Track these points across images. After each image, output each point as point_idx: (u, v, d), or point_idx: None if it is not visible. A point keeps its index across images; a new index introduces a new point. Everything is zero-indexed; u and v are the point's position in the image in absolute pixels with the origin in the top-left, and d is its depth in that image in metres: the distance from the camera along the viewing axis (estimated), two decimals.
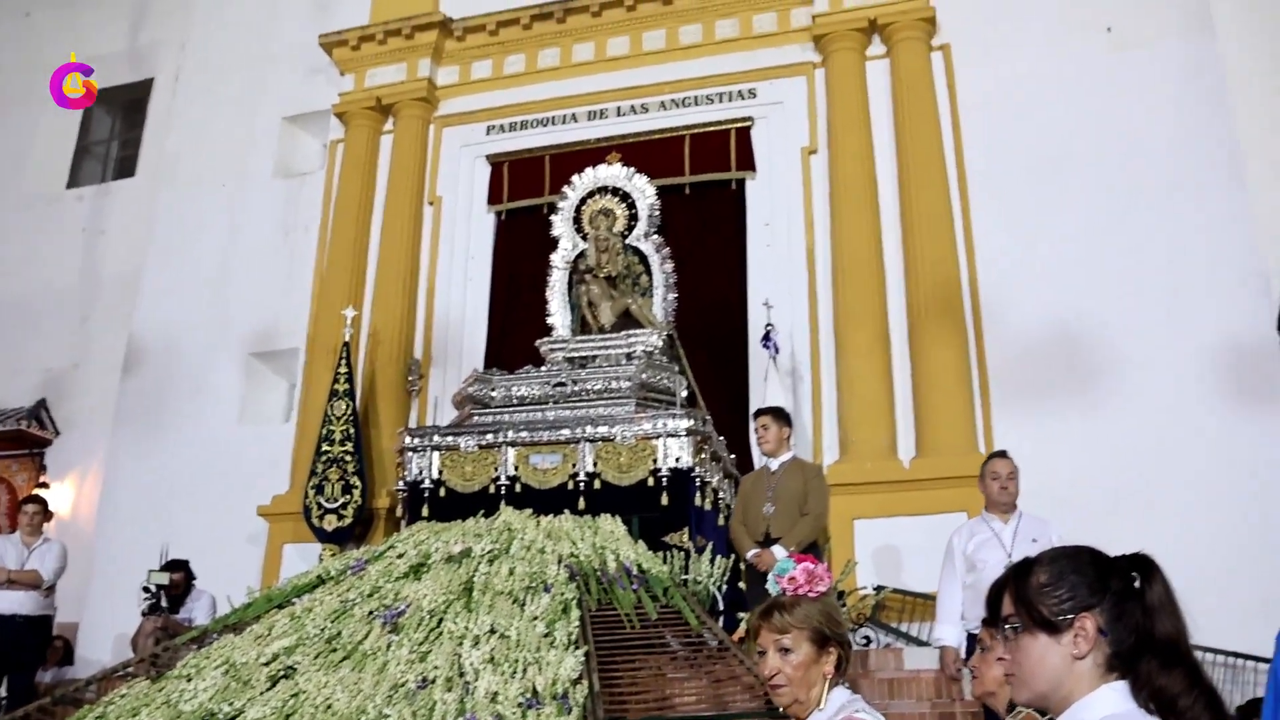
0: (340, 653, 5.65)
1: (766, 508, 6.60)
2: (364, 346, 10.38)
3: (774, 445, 6.73)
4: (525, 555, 6.64)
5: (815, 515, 6.53)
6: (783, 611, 2.51)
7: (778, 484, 6.65)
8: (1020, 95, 9.55)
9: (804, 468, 6.83)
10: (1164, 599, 1.71)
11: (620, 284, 9.15)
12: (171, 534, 9.33)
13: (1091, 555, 1.79)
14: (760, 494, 6.71)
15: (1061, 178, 9.20)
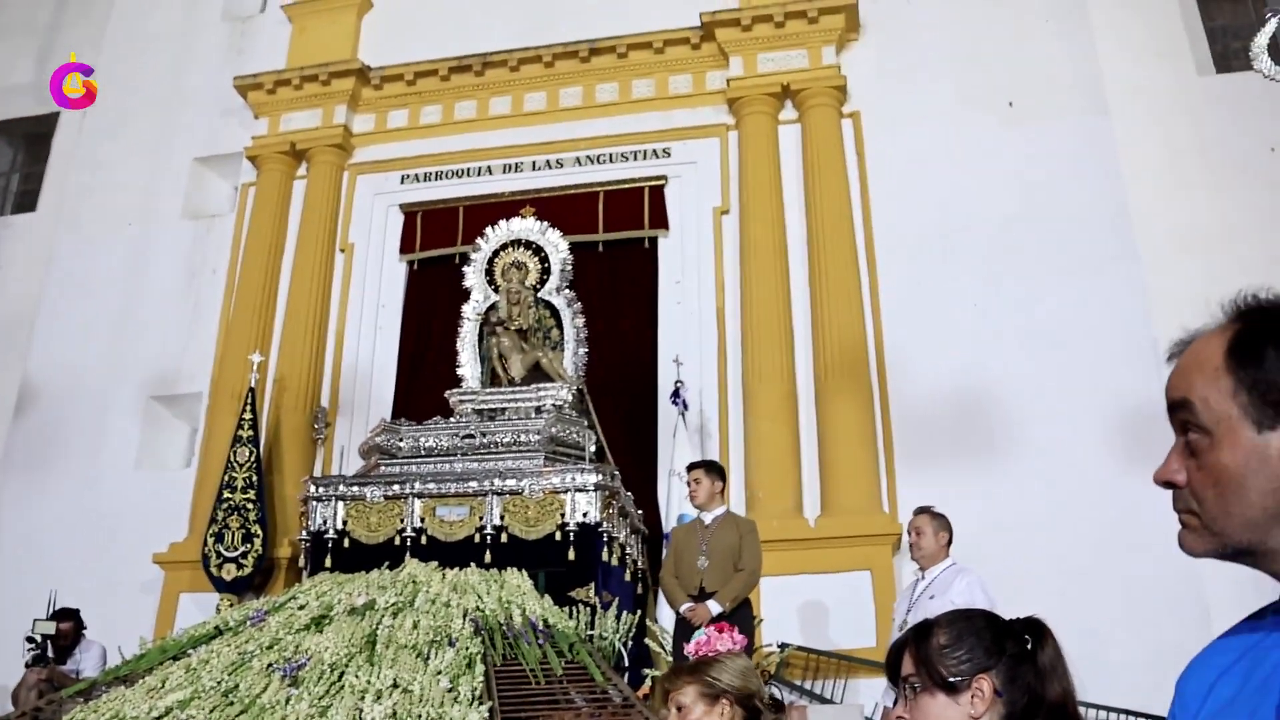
0: (237, 706, 5.52)
1: (700, 561, 6.56)
2: (269, 393, 10.24)
3: (705, 499, 6.74)
4: (430, 608, 6.57)
5: (750, 571, 6.50)
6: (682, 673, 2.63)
7: (711, 538, 6.63)
8: (926, 163, 9.85)
9: (738, 522, 6.82)
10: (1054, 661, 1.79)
11: (531, 337, 9.17)
12: (61, 581, 9.02)
13: (987, 618, 1.87)
14: (693, 547, 6.66)
15: (964, 244, 9.50)
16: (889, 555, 8.60)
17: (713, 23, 10.57)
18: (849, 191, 9.97)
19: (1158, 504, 5.15)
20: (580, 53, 10.94)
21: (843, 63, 10.41)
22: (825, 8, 10.34)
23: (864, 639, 8.16)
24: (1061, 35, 10.09)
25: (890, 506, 8.87)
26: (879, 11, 10.60)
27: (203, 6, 13.02)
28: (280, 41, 12.17)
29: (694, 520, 6.93)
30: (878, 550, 8.61)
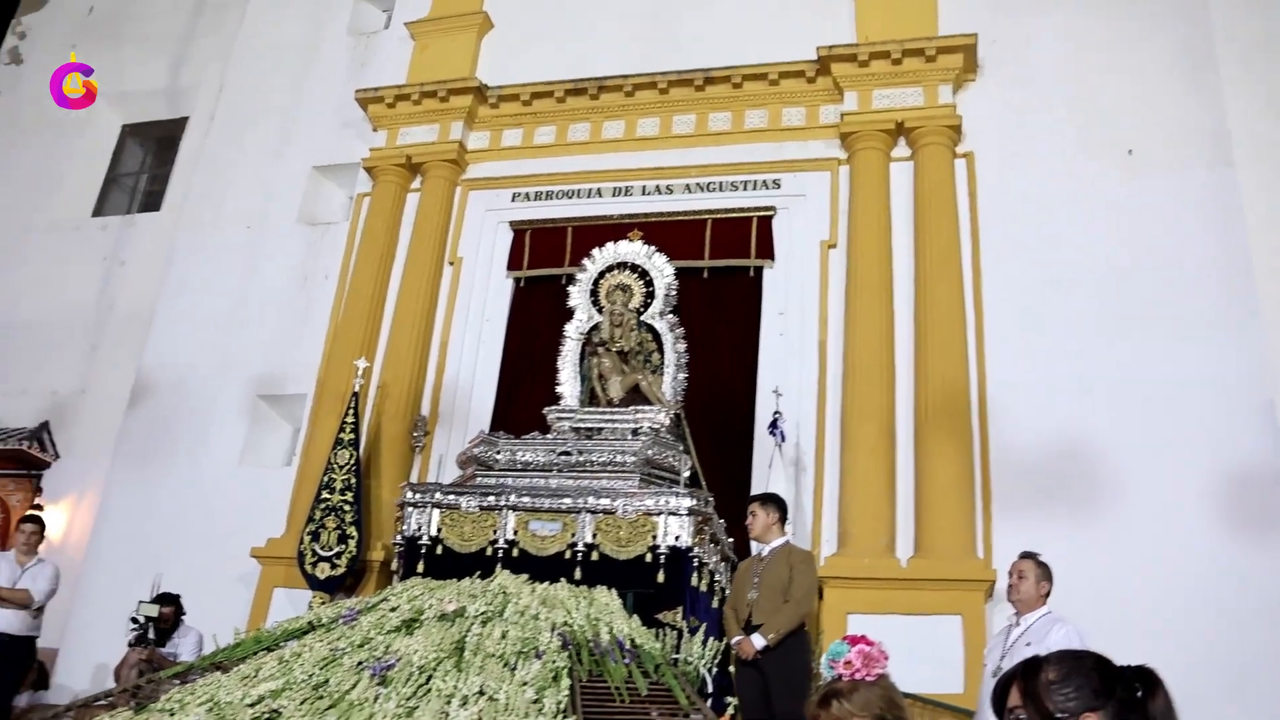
0: (327, 700, 5.62)
1: (751, 594, 6.60)
2: (372, 398, 10.42)
3: (760, 531, 6.78)
4: (519, 620, 6.63)
5: (796, 602, 6.47)
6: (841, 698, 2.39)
7: (764, 570, 6.67)
8: (1039, 208, 9.71)
9: (791, 554, 6.80)
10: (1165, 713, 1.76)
11: (632, 360, 9.24)
12: (162, 568, 9.33)
13: (1096, 660, 1.85)
14: (747, 580, 6.73)
15: (1075, 292, 9.32)
16: (981, 602, 8.44)
17: (829, 57, 10.57)
18: (959, 232, 9.85)
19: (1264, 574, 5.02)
20: (695, 81, 11.01)
21: (959, 102, 10.33)
22: (944, 46, 10.28)
23: (950, 685, 7.99)
24: (1187, 84, 9.88)
25: (985, 552, 8.71)
26: (998, 53, 10.50)
27: (329, 21, 13.41)
28: (402, 57, 12.46)
29: (756, 553, 6.97)
30: (970, 596, 8.46)
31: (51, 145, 15.08)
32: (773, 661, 6.42)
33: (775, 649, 6.30)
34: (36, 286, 13.88)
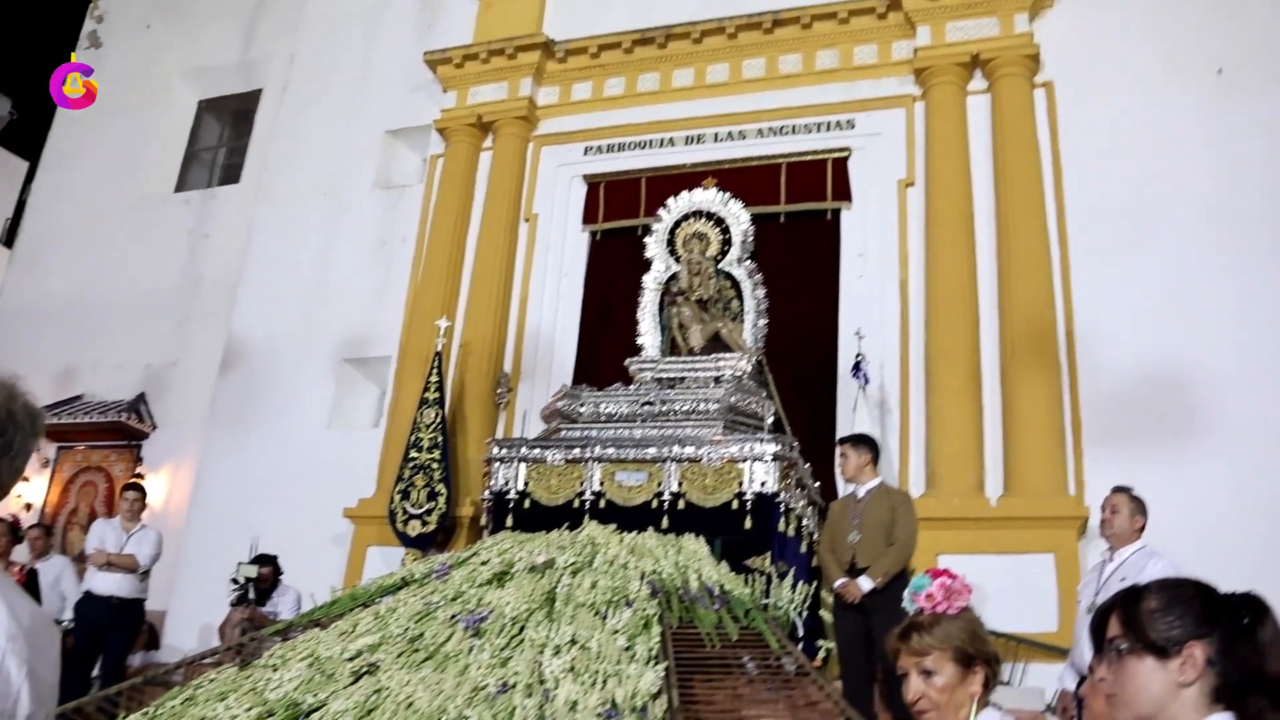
0: (422, 653, 5.72)
1: (852, 536, 6.48)
2: (455, 357, 10.52)
3: (853, 472, 6.65)
4: (608, 569, 6.67)
5: (902, 544, 6.37)
6: (922, 632, 2.38)
7: (864, 511, 6.54)
8: (1124, 135, 9.42)
9: (890, 495, 6.71)
10: (1275, 638, 1.70)
11: (711, 308, 9.20)
12: (260, 530, 9.56)
13: (1199, 588, 1.79)
14: (846, 521, 6.60)
15: (1163, 220, 9.04)
16: (1074, 539, 8.30)
17: None
18: (1040, 164, 9.59)
19: None
20: (764, 24, 10.84)
21: (1036, 30, 10.01)
22: None
23: (1044, 623, 7.90)
24: None
25: (1077, 489, 8.55)
26: None
27: None
28: (468, 17, 12.44)
29: (849, 494, 6.84)
30: (1063, 533, 8.32)
31: (132, 125, 15.37)
32: (877, 604, 6.31)
33: (881, 591, 6.18)
34: (125, 263, 14.22)
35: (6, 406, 1.67)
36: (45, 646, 1.64)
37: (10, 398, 1.69)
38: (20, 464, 1.69)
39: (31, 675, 1.57)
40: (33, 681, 1.57)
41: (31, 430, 1.70)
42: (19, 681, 1.55)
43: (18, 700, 1.55)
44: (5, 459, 1.66)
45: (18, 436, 1.67)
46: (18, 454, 1.68)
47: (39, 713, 1.58)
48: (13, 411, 1.68)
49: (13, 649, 1.55)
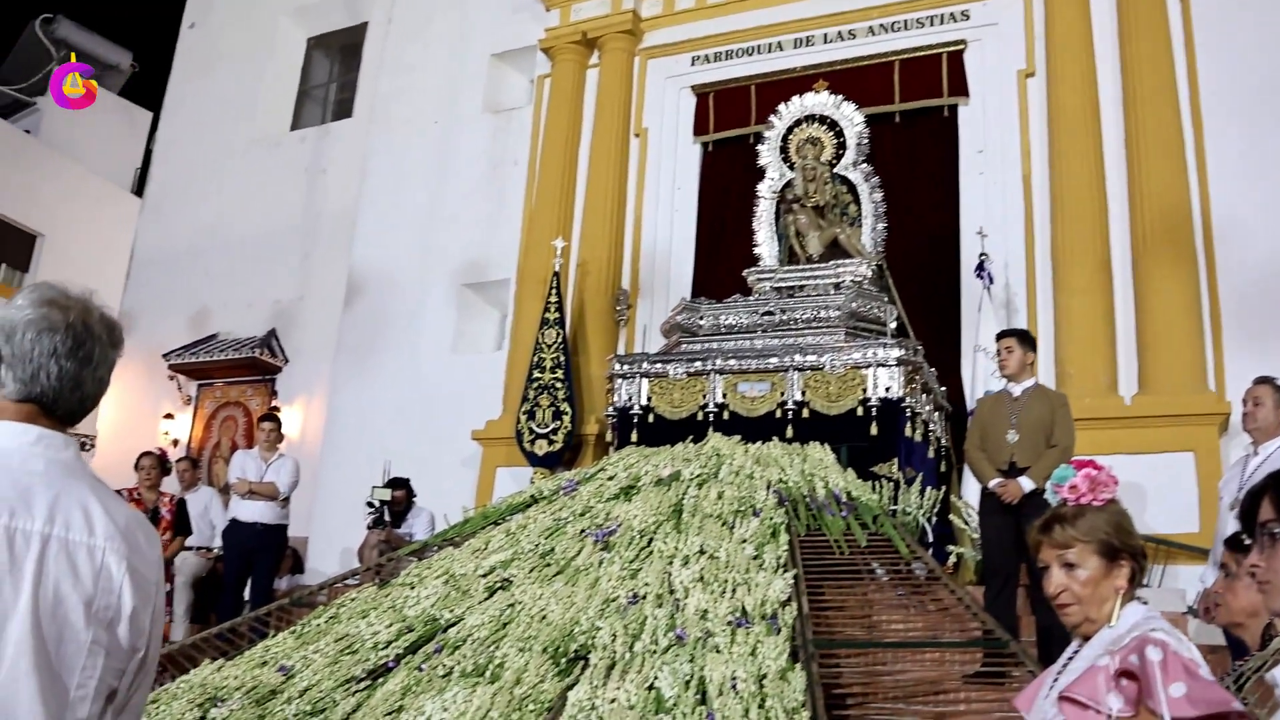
0: (554, 567, 5.83)
1: (1010, 435, 6.15)
2: (573, 276, 10.55)
3: (1016, 368, 6.32)
4: (734, 480, 6.68)
5: (1064, 448, 5.99)
6: (1065, 524, 2.30)
7: (1022, 410, 6.19)
8: (1262, 8, 8.87)
9: (1050, 395, 6.33)
10: None
11: (828, 214, 9.05)
12: (391, 455, 9.79)
13: None
14: (1002, 420, 6.25)
15: None
16: (1215, 436, 8.00)
17: None
18: (1170, 45, 9.10)
19: None
20: None
21: None
22: None
23: (1184, 524, 7.66)
24: None
25: (1217, 384, 8.22)
26: None
27: None
28: None
29: (1001, 392, 6.58)
30: (1203, 431, 8.03)
31: (245, 68, 15.65)
32: (1031, 507, 6.02)
33: (1038, 494, 5.79)
34: (248, 204, 14.55)
35: (83, 320, 1.72)
36: (142, 545, 1.70)
37: (86, 311, 1.73)
38: (103, 374, 1.75)
39: (132, 571, 1.64)
40: (133, 577, 1.64)
41: (110, 341, 1.76)
42: (120, 577, 1.62)
43: (121, 595, 1.62)
44: (87, 370, 1.71)
45: (96, 347, 1.73)
46: (98, 364, 1.73)
47: (143, 608, 1.66)
48: (89, 324, 1.72)
49: (111, 547, 1.62)
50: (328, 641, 5.25)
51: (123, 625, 1.62)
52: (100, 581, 1.60)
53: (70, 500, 1.62)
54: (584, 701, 4.21)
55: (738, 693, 4.22)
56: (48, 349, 1.67)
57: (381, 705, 4.43)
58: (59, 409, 1.70)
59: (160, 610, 1.74)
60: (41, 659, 1.52)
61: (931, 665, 5.22)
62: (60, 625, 1.55)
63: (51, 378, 1.67)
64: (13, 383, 1.67)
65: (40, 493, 1.59)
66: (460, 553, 6.28)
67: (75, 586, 1.57)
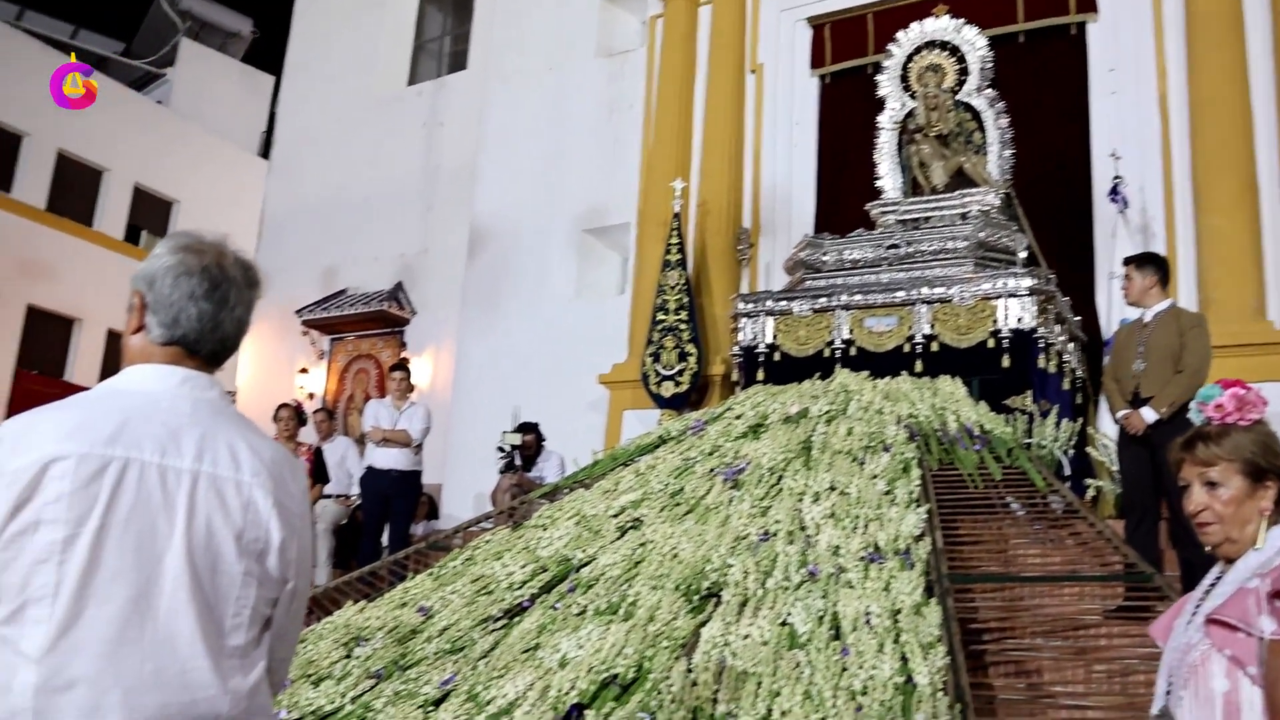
0: (684, 507, 5.84)
1: (1136, 364, 5.89)
2: (693, 217, 10.48)
3: (1138, 295, 6.04)
4: (863, 416, 6.61)
5: (1191, 372, 5.68)
6: (1208, 442, 2.20)
7: (1149, 337, 5.93)
8: None
9: (1180, 317, 5.94)
10: None
11: (952, 142, 8.80)
12: (520, 401, 9.93)
13: None
14: (1131, 348, 5.98)
15: None
16: None
17: None
18: None
19: None
20: None
21: None
22: None
23: None
24: None
25: None
26: None
27: None
28: None
29: (1136, 319, 6.31)
30: None
31: (360, 25, 15.83)
32: (1163, 437, 5.73)
33: (1168, 423, 5.53)
34: (370, 160, 14.79)
35: (218, 263, 1.77)
36: (287, 480, 1.76)
37: (220, 254, 1.78)
38: (241, 315, 1.80)
39: (278, 504, 1.71)
40: (279, 510, 1.71)
41: (246, 282, 1.80)
42: (267, 510, 1.69)
43: (268, 527, 1.69)
44: (225, 311, 1.76)
45: (232, 289, 1.77)
46: (235, 305, 1.78)
47: (290, 540, 1.73)
48: (224, 267, 1.77)
49: (257, 482, 1.69)
50: (464, 583, 5.36)
51: (272, 557, 1.69)
52: (248, 515, 1.67)
53: (217, 438, 1.68)
54: (717, 637, 4.23)
55: (872, 628, 4.19)
56: (185, 292, 1.73)
57: (518, 643, 4.51)
58: (202, 350, 1.75)
59: (308, 543, 1.81)
60: (197, 589, 1.59)
61: (1071, 600, 5.10)
62: (213, 557, 1.62)
63: (191, 319, 1.73)
64: (157, 327, 1.73)
65: (188, 432, 1.66)
66: (591, 494, 6.34)
67: (225, 520, 1.64)
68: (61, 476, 1.52)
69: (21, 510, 1.51)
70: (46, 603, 1.50)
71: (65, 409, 1.62)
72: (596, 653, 4.15)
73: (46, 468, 1.52)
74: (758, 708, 3.73)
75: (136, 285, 1.75)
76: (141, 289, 1.75)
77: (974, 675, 4.18)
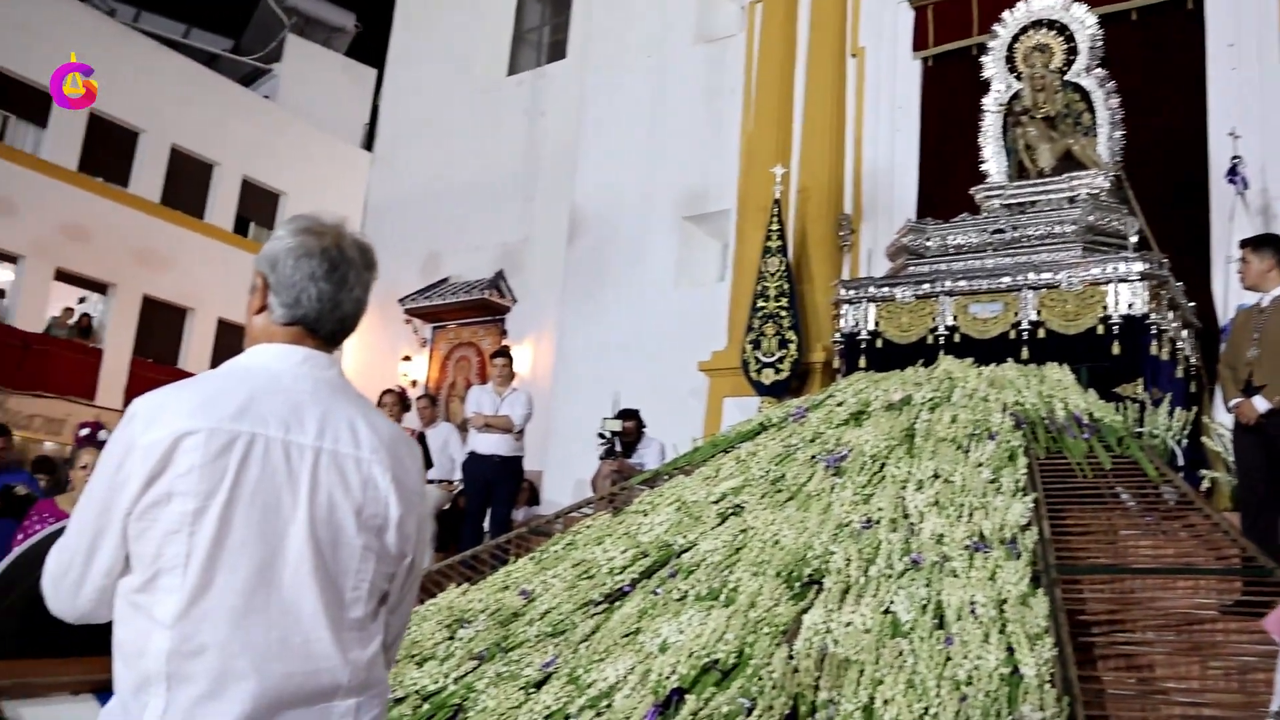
0: (785, 493, 5.82)
1: (1250, 351, 5.66)
2: (793, 203, 10.39)
3: (1255, 278, 5.80)
4: (967, 403, 6.50)
5: None
6: None
7: (1265, 323, 5.68)
8: None
9: None
10: None
11: (1060, 124, 8.60)
12: (619, 387, 9.97)
13: None
14: (1246, 335, 5.73)
15: None
16: None
17: None
18: None
19: None
20: None
21: None
22: None
23: None
24: None
25: None
26: None
27: None
28: None
29: (1254, 304, 6.06)
30: None
31: (461, 17, 16.05)
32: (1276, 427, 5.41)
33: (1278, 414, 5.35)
34: (470, 150, 14.98)
35: (337, 244, 1.80)
36: (404, 458, 1.80)
37: (340, 236, 1.81)
38: (359, 295, 1.83)
39: (396, 481, 1.75)
40: (397, 486, 1.75)
41: (364, 264, 1.83)
42: (385, 487, 1.73)
43: (387, 503, 1.74)
44: (344, 291, 1.79)
45: (351, 270, 1.81)
46: (354, 285, 1.81)
47: (408, 516, 1.77)
48: (343, 248, 1.80)
49: (376, 459, 1.74)
50: (565, 567, 5.40)
51: (390, 532, 1.74)
52: (367, 491, 1.71)
53: (337, 416, 1.73)
54: (819, 624, 4.21)
55: (977, 617, 4.13)
56: (306, 273, 1.76)
57: (619, 627, 4.53)
58: (321, 330, 1.79)
59: (425, 519, 1.88)
60: (320, 562, 1.64)
61: (1185, 594, 4.95)
62: (334, 531, 1.67)
63: (311, 300, 1.76)
64: (279, 308, 1.77)
65: (310, 409, 1.70)
66: (691, 480, 6.34)
67: (346, 495, 1.69)
68: (192, 450, 1.57)
69: (155, 483, 1.57)
70: (178, 572, 1.56)
71: (194, 386, 1.67)
72: (697, 638, 4.15)
73: (178, 442, 1.57)
74: (860, 696, 3.70)
75: (259, 266, 1.80)
76: (264, 270, 1.79)
77: (1082, 668, 4.09)
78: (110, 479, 1.60)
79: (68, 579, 1.65)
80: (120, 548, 1.60)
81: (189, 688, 1.54)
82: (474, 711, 4.02)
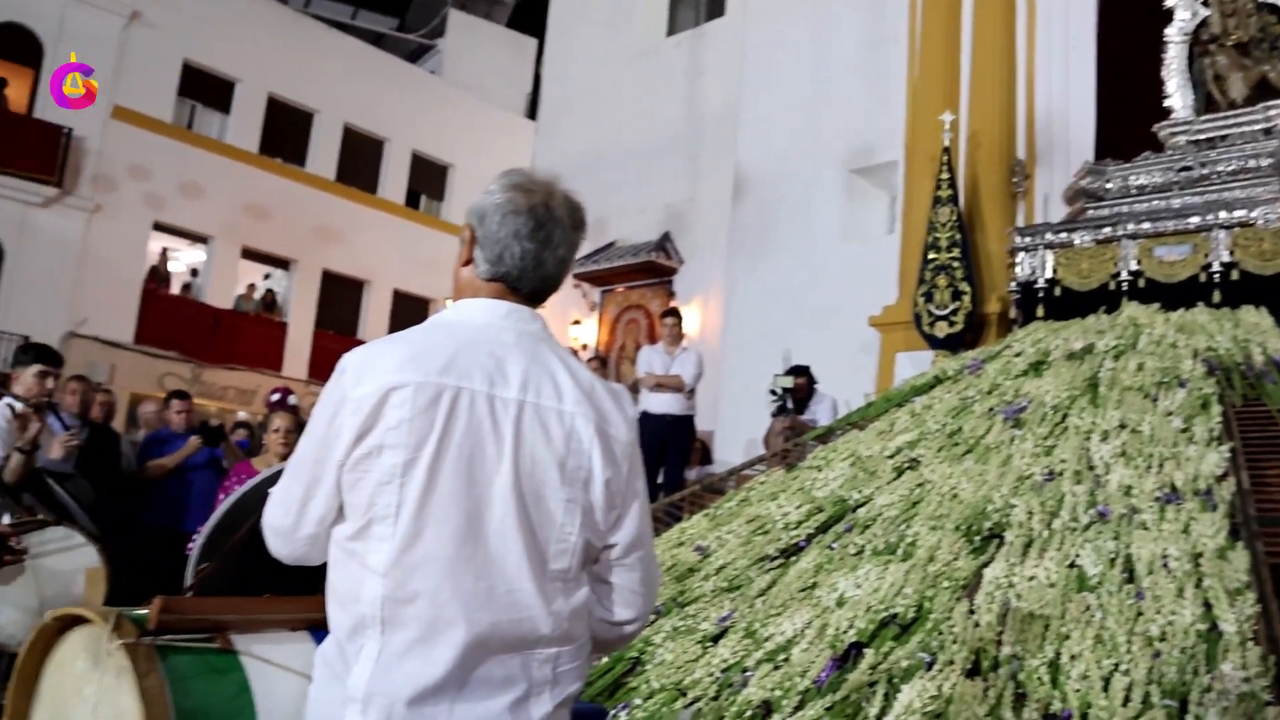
0: (962, 446, 5.68)
1: None
2: (964, 151, 10.06)
3: None
4: (1155, 350, 6.24)
5: None
6: None
7: None
8: None
9: None
10: None
11: (1254, 50, 8.12)
12: (789, 344, 9.89)
13: None
14: None
15: None
16: None
17: None
18: None
19: None
20: None
21: None
22: None
23: None
24: None
25: None
26: None
27: None
28: None
29: None
30: None
31: None
32: None
33: None
34: (632, 113, 15.03)
35: (545, 203, 1.80)
36: (609, 409, 1.79)
37: (549, 194, 1.81)
38: (564, 255, 1.82)
39: (600, 433, 1.75)
40: (601, 439, 1.74)
41: (571, 223, 1.82)
42: (588, 439, 1.73)
43: (590, 456, 1.73)
44: (548, 250, 1.79)
45: (557, 230, 1.80)
46: (559, 245, 1.80)
47: (616, 475, 1.76)
48: (551, 207, 1.80)
49: (579, 412, 1.74)
50: (740, 523, 5.41)
51: (596, 485, 1.73)
52: (570, 443, 1.72)
53: (540, 369, 1.74)
54: (1001, 579, 4.10)
55: (1170, 571, 3.95)
56: (511, 230, 1.77)
57: (796, 581, 4.51)
58: (523, 287, 1.80)
59: (637, 468, 1.82)
60: (523, 514, 1.66)
61: None
62: (538, 484, 1.68)
63: (515, 257, 1.77)
64: (484, 263, 1.79)
65: (514, 363, 1.72)
66: (865, 435, 6.26)
67: (549, 449, 1.70)
68: (401, 404, 1.61)
69: (366, 435, 1.62)
70: (390, 521, 1.61)
71: (401, 340, 1.71)
72: (875, 592, 4.11)
73: (387, 395, 1.61)
74: (1045, 651, 3.59)
75: (469, 219, 1.82)
76: (473, 223, 1.81)
77: None
78: (324, 431, 1.66)
79: (285, 524, 1.73)
80: (334, 496, 1.67)
81: (403, 632, 1.59)
82: (652, 664, 4.07)
